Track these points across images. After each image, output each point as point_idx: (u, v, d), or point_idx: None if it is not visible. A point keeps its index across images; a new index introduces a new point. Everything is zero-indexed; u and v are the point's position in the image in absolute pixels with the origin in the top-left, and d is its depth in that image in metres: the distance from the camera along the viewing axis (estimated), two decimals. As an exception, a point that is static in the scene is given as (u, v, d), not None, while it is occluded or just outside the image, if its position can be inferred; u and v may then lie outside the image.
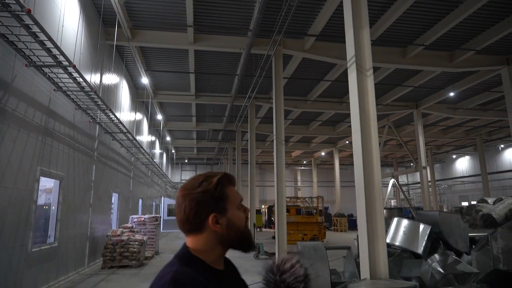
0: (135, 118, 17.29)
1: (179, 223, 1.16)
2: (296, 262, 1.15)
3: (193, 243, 1.15)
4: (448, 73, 14.89)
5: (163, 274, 1.05)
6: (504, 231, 5.61)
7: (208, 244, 1.14)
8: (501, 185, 29.89)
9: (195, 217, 1.12)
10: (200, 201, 1.13)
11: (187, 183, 1.18)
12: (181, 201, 1.15)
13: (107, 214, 12.76)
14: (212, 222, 1.12)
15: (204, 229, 1.13)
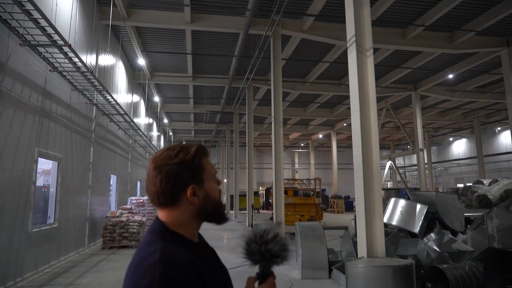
0: (132, 100, 17.16)
1: (152, 197, 1.08)
2: (279, 232, 1.13)
3: (169, 217, 1.08)
4: (448, 55, 14.77)
5: (145, 254, 0.98)
6: (499, 210, 5.70)
7: (184, 217, 1.09)
8: (496, 167, 30.16)
9: (172, 190, 1.06)
10: (177, 173, 1.07)
11: (160, 154, 1.11)
12: (155, 173, 1.07)
13: (106, 196, 12.82)
14: (190, 194, 1.08)
15: (180, 202, 1.08)
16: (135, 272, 0.95)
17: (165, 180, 1.06)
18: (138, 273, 0.94)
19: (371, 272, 5.22)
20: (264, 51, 12.83)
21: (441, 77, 17.07)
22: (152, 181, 1.07)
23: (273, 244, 1.11)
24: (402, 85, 19.00)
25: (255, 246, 1.11)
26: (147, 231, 1.10)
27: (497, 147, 30.83)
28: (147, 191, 1.11)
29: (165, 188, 1.06)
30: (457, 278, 5.41)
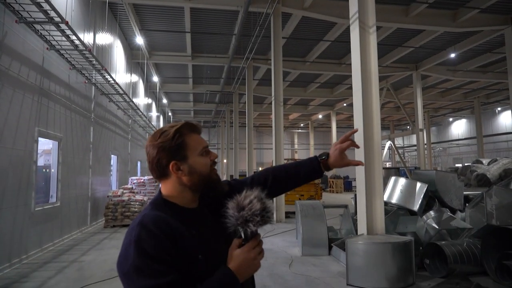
0: (131, 80, 16.99)
1: (151, 171, 1.26)
2: (254, 197, 1.15)
3: (164, 188, 1.26)
4: (450, 33, 14.54)
5: (136, 218, 1.16)
6: (499, 188, 5.75)
7: (175, 188, 1.24)
8: (495, 147, 30.25)
9: (158, 165, 1.22)
10: (160, 151, 1.21)
11: (153, 133, 1.27)
12: (147, 150, 1.25)
13: (107, 176, 12.88)
14: (173, 169, 1.21)
15: (169, 176, 1.23)
16: (126, 233, 1.13)
17: (152, 157, 1.22)
18: (127, 234, 1.13)
19: (370, 249, 5.32)
20: (265, 30, 12.61)
21: (443, 56, 16.87)
22: (149, 156, 1.25)
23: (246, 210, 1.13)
24: (403, 64, 18.81)
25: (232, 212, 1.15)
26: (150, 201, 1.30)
27: (497, 127, 30.84)
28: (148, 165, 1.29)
29: (153, 163, 1.23)
30: (455, 254, 5.51)
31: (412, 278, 5.29)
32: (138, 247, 1.05)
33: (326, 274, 5.91)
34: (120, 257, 1.08)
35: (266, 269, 6.20)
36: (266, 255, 7.22)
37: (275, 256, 7.12)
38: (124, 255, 1.07)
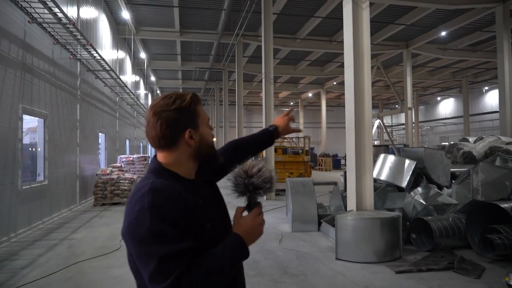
0: (117, 56, 16.55)
1: (152, 140, 1.21)
2: (263, 166, 1.23)
3: (166, 158, 1.22)
4: (442, 11, 14.43)
5: (140, 186, 1.13)
6: (485, 165, 5.86)
7: (180, 158, 1.22)
8: (481, 126, 30.78)
9: (172, 133, 1.18)
10: (176, 118, 1.18)
11: (158, 101, 1.21)
12: (154, 119, 1.18)
13: (95, 154, 12.73)
14: (188, 137, 1.20)
15: (178, 145, 1.20)
16: (131, 201, 1.11)
17: (164, 125, 1.17)
18: (133, 201, 1.10)
19: (359, 224, 5.42)
20: (255, 4, 12.31)
21: (434, 34, 16.80)
22: (153, 126, 1.18)
23: (256, 177, 1.20)
24: (394, 42, 18.70)
25: (241, 180, 1.21)
26: (146, 170, 1.27)
27: (483, 106, 31.28)
28: (147, 135, 1.23)
29: (165, 132, 1.17)
30: (440, 229, 5.66)
31: (399, 252, 5.44)
32: (154, 213, 1.04)
33: (316, 249, 6.02)
34: (130, 225, 1.06)
35: (257, 244, 6.26)
36: (257, 231, 7.32)
37: (266, 232, 7.13)
38: (137, 222, 1.05)
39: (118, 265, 5.17)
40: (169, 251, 1.02)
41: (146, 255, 1.03)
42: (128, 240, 1.08)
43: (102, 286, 4.42)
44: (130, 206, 1.10)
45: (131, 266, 1.17)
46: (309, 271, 4.93)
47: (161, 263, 1.00)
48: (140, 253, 1.05)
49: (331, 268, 5.04)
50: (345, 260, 5.33)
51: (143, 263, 1.04)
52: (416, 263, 5.09)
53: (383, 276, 4.68)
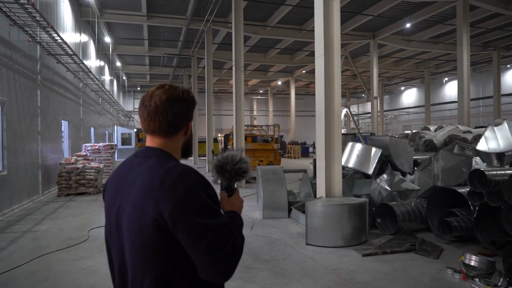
0: (80, 40, 15.77)
1: (159, 125, 1.24)
2: (243, 155, 1.41)
3: (167, 145, 1.27)
4: (407, 3, 14.87)
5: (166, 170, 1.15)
6: (445, 152, 6.20)
7: (177, 146, 1.30)
8: (441, 115, 32.33)
9: (181, 121, 1.27)
10: (188, 108, 1.29)
11: (169, 90, 1.26)
12: (168, 105, 1.23)
13: (58, 143, 12.19)
14: (190, 127, 1.32)
15: (178, 133, 1.29)
16: (165, 183, 1.12)
17: (179, 112, 1.25)
18: (169, 183, 1.12)
19: (328, 210, 5.60)
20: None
21: (399, 26, 17.31)
22: (165, 111, 1.23)
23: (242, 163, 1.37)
24: (361, 33, 19.09)
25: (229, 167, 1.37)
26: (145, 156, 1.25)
27: (443, 96, 32.81)
28: (150, 121, 1.25)
29: (178, 118, 1.25)
30: (403, 213, 5.97)
31: (365, 236, 5.69)
32: (202, 189, 1.14)
33: (286, 235, 6.17)
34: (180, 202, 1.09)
35: (229, 232, 6.34)
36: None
37: (237, 220, 7.27)
38: (188, 198, 1.10)
39: (87, 256, 5.05)
40: (221, 222, 1.14)
41: (203, 227, 1.09)
42: (178, 215, 1.09)
43: (72, 278, 4.31)
44: (169, 187, 1.11)
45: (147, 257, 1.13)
46: (281, 256, 5.06)
47: (218, 234, 1.11)
48: (195, 226, 1.09)
49: (302, 253, 5.20)
50: (314, 245, 5.51)
51: (199, 235, 1.09)
52: (381, 246, 5.35)
53: (350, 259, 4.89)
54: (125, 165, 1.31)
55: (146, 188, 1.14)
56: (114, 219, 1.23)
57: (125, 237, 1.18)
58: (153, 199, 1.11)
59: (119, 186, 1.26)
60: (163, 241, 1.12)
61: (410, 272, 4.42)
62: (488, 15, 16.03)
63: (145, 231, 1.12)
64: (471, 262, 4.16)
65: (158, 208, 1.10)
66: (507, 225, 4.42)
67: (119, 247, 1.22)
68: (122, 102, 34.21)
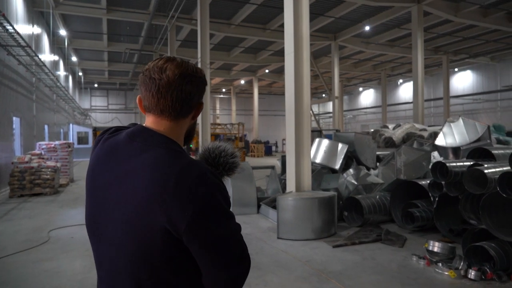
0: (33, 32, 14.82)
1: (173, 105, 1.02)
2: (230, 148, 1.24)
3: (174, 130, 1.06)
4: (367, 7, 15.48)
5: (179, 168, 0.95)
6: (407, 148, 6.54)
7: (183, 133, 1.10)
8: (396, 115, 33.99)
9: (197, 101, 1.08)
10: (203, 87, 1.09)
11: (183, 64, 1.04)
12: (183, 81, 1.02)
13: (9, 141, 11.38)
14: (198, 110, 1.10)
15: (187, 116, 1.08)
16: (181, 185, 0.93)
17: (194, 91, 1.05)
18: (186, 185, 0.93)
19: (299, 204, 5.70)
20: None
21: (359, 28, 17.99)
22: (179, 88, 1.02)
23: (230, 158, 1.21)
24: (323, 34, 19.62)
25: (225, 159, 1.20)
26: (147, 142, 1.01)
27: (398, 97, 34.52)
28: (160, 98, 1.02)
29: (192, 98, 1.05)
30: (369, 206, 6.21)
31: (334, 229, 5.85)
32: (222, 194, 0.98)
33: (257, 230, 6.20)
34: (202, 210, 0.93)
35: (199, 229, 6.25)
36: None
37: (206, 217, 7.19)
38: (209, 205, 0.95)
39: (49, 258, 4.76)
40: (238, 229, 1.01)
41: (224, 238, 0.97)
42: (200, 229, 0.94)
43: (35, 280, 4.04)
44: (187, 191, 0.93)
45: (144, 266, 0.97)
46: (253, 250, 5.07)
47: (238, 243, 1.00)
48: (216, 240, 0.96)
49: (274, 246, 5.25)
50: (286, 238, 5.58)
51: (220, 247, 0.96)
52: (350, 237, 5.54)
53: (322, 251, 5.02)
54: (114, 148, 1.05)
55: (154, 189, 0.93)
56: (102, 216, 1.03)
57: (118, 241, 1.00)
58: (164, 204, 0.92)
59: (109, 176, 1.02)
60: (170, 252, 0.96)
61: (378, 260, 4.61)
62: (439, 21, 17.10)
63: (149, 239, 0.95)
64: (434, 248, 4.42)
65: (170, 215, 0.92)
66: (465, 212, 4.74)
67: (107, 250, 1.03)
68: (78, 99, 32.59)
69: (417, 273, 4.18)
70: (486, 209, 4.16)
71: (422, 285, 3.87)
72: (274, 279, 4.09)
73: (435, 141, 6.61)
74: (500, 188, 3.92)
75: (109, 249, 1.02)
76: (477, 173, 4.38)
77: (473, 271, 3.89)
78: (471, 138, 6.07)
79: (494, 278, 3.82)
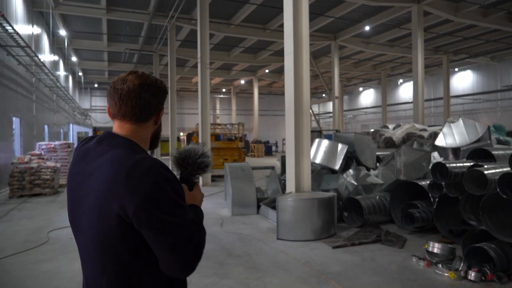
0: (33, 32, 14.81)
1: (130, 109, 1.20)
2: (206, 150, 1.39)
3: (134, 132, 1.22)
4: (367, 7, 15.45)
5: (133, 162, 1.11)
6: (407, 148, 6.52)
7: (146, 135, 1.27)
8: (396, 115, 33.98)
9: (154, 107, 1.24)
10: (162, 95, 1.27)
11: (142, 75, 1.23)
12: (141, 90, 1.20)
13: (9, 141, 11.38)
14: (160, 115, 1.28)
15: (149, 121, 1.25)
16: (131, 176, 1.08)
17: (152, 98, 1.22)
18: (135, 176, 1.09)
19: (299, 205, 5.69)
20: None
21: (359, 28, 17.96)
22: (138, 96, 1.20)
23: (204, 157, 1.36)
24: (323, 34, 19.59)
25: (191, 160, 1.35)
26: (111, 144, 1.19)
27: (398, 97, 34.50)
28: (122, 105, 1.21)
29: (151, 104, 1.22)
30: (369, 206, 6.20)
31: (334, 229, 5.84)
32: (170, 185, 1.12)
33: (257, 230, 6.18)
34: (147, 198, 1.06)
35: (198, 230, 6.24)
36: (197, 217, 7.23)
37: (206, 217, 7.09)
38: (155, 194, 1.08)
39: (49, 259, 4.76)
40: (187, 218, 1.13)
41: (169, 224, 1.09)
42: (145, 214, 1.07)
43: (34, 281, 4.03)
44: (136, 182, 1.07)
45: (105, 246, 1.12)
46: (253, 251, 5.07)
47: (185, 229, 1.11)
48: (161, 224, 1.08)
49: (273, 247, 5.24)
50: (285, 239, 5.57)
51: (165, 232, 1.08)
52: (350, 238, 5.53)
53: (321, 251, 5.00)
54: (86, 152, 1.24)
55: (111, 181, 1.10)
56: (77, 210, 1.20)
57: (86, 230, 1.16)
58: (118, 193, 1.08)
59: (81, 175, 1.21)
60: (126, 237, 1.10)
61: (378, 261, 4.60)
62: (439, 21, 17.08)
63: (108, 226, 1.09)
64: (434, 249, 4.41)
65: (122, 203, 1.07)
66: (464, 213, 4.73)
67: (82, 240, 1.20)
68: (78, 99, 32.58)
69: (417, 274, 4.17)
70: (486, 210, 4.14)
71: (422, 286, 3.86)
72: (273, 280, 4.08)
73: (435, 142, 6.59)
74: (500, 189, 3.91)
75: (82, 239, 1.19)
76: (477, 174, 4.37)
77: (473, 272, 3.88)
78: (471, 139, 6.06)
79: (494, 279, 3.81)
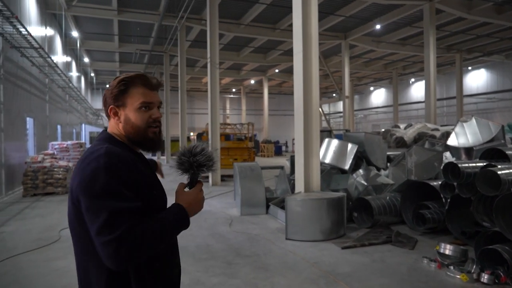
0: (46, 33, 15.07)
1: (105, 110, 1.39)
2: (206, 146, 1.36)
3: (109, 127, 1.38)
4: (378, 5, 15.30)
5: (94, 149, 1.23)
6: (418, 148, 6.43)
7: (116, 131, 1.34)
8: (408, 115, 33.56)
9: (104, 106, 1.37)
10: (105, 94, 1.36)
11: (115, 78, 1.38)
12: (106, 93, 1.37)
13: (23, 141, 11.59)
14: (111, 113, 1.34)
15: (110, 115, 1.35)
16: (83, 162, 1.21)
17: (108, 92, 1.34)
18: (86, 162, 1.20)
19: (308, 205, 5.65)
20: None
21: (370, 27, 17.78)
22: (104, 98, 1.38)
23: (200, 156, 1.33)
24: (333, 33, 19.46)
25: (185, 159, 1.33)
26: (96, 139, 1.35)
27: (410, 96, 34.07)
28: (104, 106, 1.40)
29: (106, 97, 1.35)
30: (379, 207, 6.13)
31: (343, 230, 5.79)
32: (110, 173, 1.16)
33: (266, 231, 6.17)
34: (84, 180, 1.16)
35: (207, 229, 6.27)
36: (206, 216, 7.23)
37: (215, 217, 7.21)
38: (91, 178, 1.15)
39: (60, 257, 4.82)
40: (118, 207, 1.12)
41: (97, 209, 1.12)
42: (80, 194, 1.16)
43: (45, 279, 4.10)
44: (83, 165, 1.19)
45: (72, 228, 1.26)
46: (261, 251, 5.05)
47: (110, 217, 1.10)
48: (90, 206, 1.13)
49: (282, 247, 5.21)
50: (294, 239, 5.54)
51: (93, 216, 1.12)
52: (359, 239, 5.47)
53: (330, 252, 4.96)
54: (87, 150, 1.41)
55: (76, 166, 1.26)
56: None
57: None
58: (73, 177, 1.22)
59: None
60: (79, 220, 1.19)
61: (388, 262, 4.54)
62: (452, 19, 16.80)
63: (70, 206, 1.23)
64: (446, 251, 4.33)
65: (72, 184, 1.21)
66: (477, 214, 4.63)
67: None
68: (91, 99, 33.03)
69: (428, 276, 4.10)
70: (499, 211, 4.05)
71: (433, 288, 3.79)
72: (281, 280, 4.06)
73: (447, 141, 6.47)
74: (514, 189, 3.81)
75: None
76: (490, 174, 4.28)
77: (486, 274, 3.79)
78: (484, 138, 5.93)
79: (508, 282, 3.72)
